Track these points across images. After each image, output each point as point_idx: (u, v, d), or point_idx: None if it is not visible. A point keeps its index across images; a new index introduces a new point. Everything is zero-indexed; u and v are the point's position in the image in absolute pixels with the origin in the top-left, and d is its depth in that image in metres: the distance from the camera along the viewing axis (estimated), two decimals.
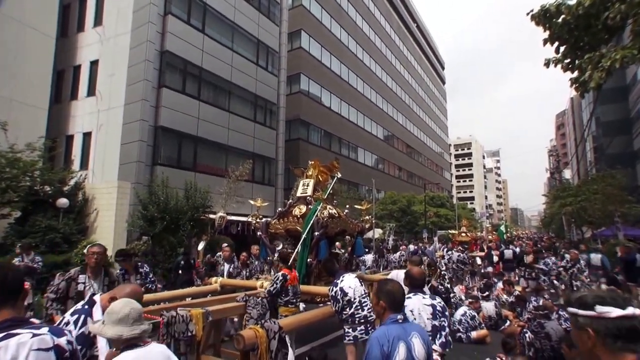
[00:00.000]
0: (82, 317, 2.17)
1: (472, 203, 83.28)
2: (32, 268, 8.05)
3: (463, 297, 8.58)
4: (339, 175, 7.37)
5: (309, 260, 6.57)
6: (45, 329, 1.50)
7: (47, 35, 15.78)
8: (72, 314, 2.16)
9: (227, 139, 18.50)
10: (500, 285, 9.94)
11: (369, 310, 4.44)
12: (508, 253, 13.74)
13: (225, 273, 7.58)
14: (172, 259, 10.76)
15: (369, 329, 4.37)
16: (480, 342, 6.67)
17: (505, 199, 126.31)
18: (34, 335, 1.45)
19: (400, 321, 2.16)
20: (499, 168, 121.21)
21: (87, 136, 16.36)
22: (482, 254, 17.16)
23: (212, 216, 13.67)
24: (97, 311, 2.22)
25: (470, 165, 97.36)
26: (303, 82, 27.19)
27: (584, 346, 1.26)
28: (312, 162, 7.72)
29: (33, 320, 1.59)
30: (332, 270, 4.97)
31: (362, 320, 4.35)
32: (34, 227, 11.21)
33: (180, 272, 8.36)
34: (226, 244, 8.31)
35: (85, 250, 4.34)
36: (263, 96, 21.21)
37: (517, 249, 14.84)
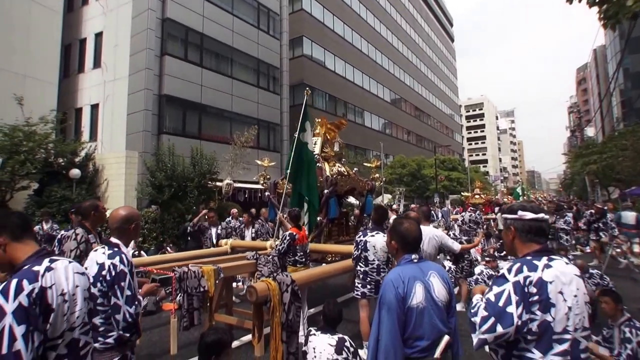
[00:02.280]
0: (122, 255, 2.20)
1: (485, 166, 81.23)
2: (52, 235, 8.34)
3: (479, 258, 8.54)
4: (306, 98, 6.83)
5: (318, 218, 6.57)
6: (69, 259, 1.69)
7: (54, 10, 15.80)
8: (110, 257, 2.17)
9: (231, 105, 18.33)
10: None
11: (384, 278, 4.38)
12: None
13: (213, 236, 7.57)
14: (180, 226, 10.96)
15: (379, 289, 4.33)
16: None
17: (521, 161, 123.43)
18: (69, 261, 1.64)
19: (416, 261, 2.05)
20: (513, 129, 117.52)
21: (94, 108, 16.50)
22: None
23: (218, 184, 13.79)
24: (124, 248, 2.29)
25: (483, 126, 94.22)
26: (306, 45, 26.47)
27: (508, 239, 1.86)
28: (320, 120, 7.61)
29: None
30: (377, 221, 4.63)
31: (373, 283, 4.30)
32: (50, 197, 11.70)
33: (189, 238, 8.47)
34: (210, 210, 8.19)
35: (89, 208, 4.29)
36: (266, 61, 20.75)
37: None
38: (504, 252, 8.38)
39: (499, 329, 1.60)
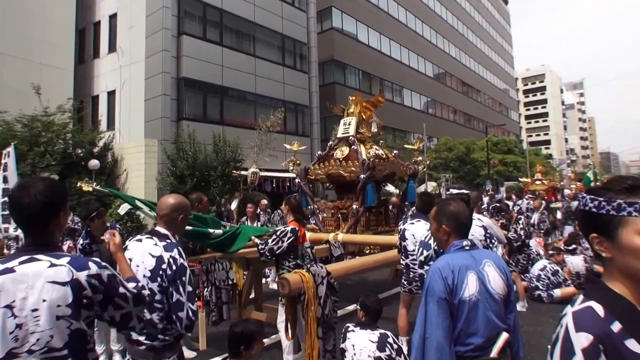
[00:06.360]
0: (179, 248, 2.25)
1: (547, 148, 78.26)
2: (73, 229, 8.92)
3: (541, 252, 8.22)
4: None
5: (354, 206, 6.62)
6: (65, 260, 1.45)
7: None
8: (167, 250, 2.18)
9: (254, 87, 18.62)
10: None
11: (427, 271, 4.35)
12: None
13: None
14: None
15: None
16: (567, 302, 6.29)
17: (593, 141, 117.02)
18: (52, 264, 1.43)
19: (467, 248, 1.98)
20: (583, 103, 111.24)
21: (111, 95, 17.32)
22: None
23: (243, 172, 14.11)
24: (175, 240, 2.33)
25: (545, 102, 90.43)
26: (335, 16, 26.30)
27: None
28: (353, 98, 7.57)
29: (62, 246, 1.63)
30: (422, 208, 4.53)
31: (417, 278, 4.26)
32: (70, 189, 12.32)
33: None
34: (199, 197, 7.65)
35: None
36: (291, 36, 20.83)
37: None
38: (573, 246, 8.03)
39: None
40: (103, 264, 1.55)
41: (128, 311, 1.59)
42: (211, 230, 4.38)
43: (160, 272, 2.08)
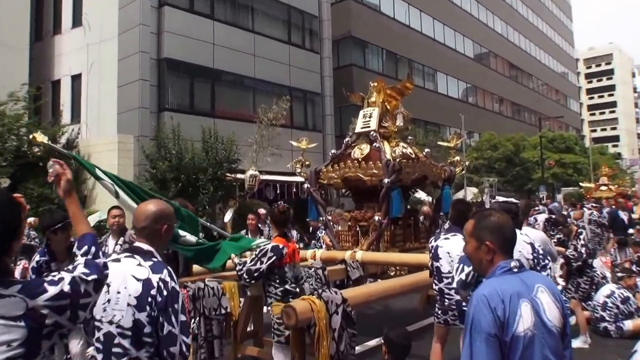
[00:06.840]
0: (169, 268, 2.26)
1: (615, 145, 78.70)
2: (29, 246, 8.96)
3: (607, 274, 8.20)
4: None
5: (376, 218, 6.60)
6: (14, 288, 1.44)
7: None
8: (156, 271, 2.18)
9: (253, 70, 18.73)
10: None
11: (469, 298, 4.34)
12: None
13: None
14: None
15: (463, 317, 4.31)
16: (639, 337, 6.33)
17: None
18: (0, 296, 1.41)
19: (516, 270, 1.93)
20: None
21: (76, 80, 17.47)
22: (636, 216, 16.26)
23: (240, 176, 14.15)
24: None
25: (612, 88, 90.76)
26: None
27: None
28: (375, 84, 7.62)
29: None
30: (456, 219, 4.48)
31: (454, 306, 4.28)
32: (25, 196, 12.34)
33: None
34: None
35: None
36: (299, 7, 20.98)
37: None
38: None
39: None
40: (57, 277, 1.54)
41: (95, 301, 1.67)
42: (182, 233, 4.35)
43: (149, 299, 2.06)
